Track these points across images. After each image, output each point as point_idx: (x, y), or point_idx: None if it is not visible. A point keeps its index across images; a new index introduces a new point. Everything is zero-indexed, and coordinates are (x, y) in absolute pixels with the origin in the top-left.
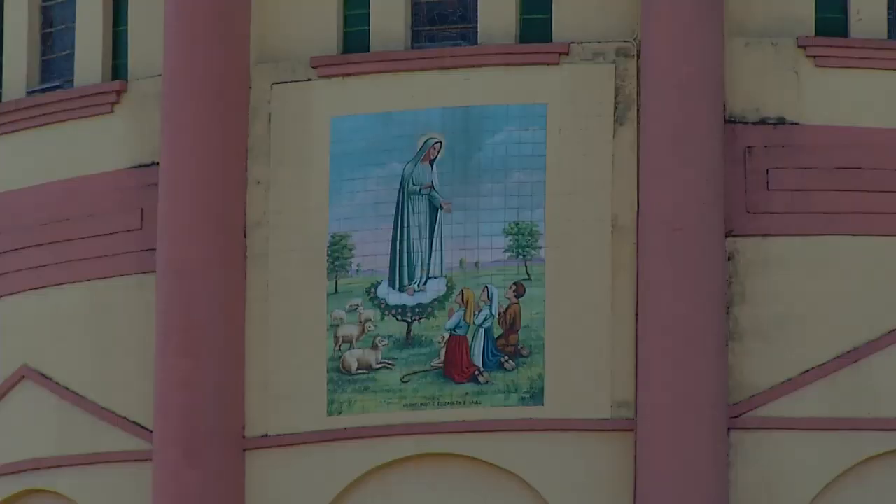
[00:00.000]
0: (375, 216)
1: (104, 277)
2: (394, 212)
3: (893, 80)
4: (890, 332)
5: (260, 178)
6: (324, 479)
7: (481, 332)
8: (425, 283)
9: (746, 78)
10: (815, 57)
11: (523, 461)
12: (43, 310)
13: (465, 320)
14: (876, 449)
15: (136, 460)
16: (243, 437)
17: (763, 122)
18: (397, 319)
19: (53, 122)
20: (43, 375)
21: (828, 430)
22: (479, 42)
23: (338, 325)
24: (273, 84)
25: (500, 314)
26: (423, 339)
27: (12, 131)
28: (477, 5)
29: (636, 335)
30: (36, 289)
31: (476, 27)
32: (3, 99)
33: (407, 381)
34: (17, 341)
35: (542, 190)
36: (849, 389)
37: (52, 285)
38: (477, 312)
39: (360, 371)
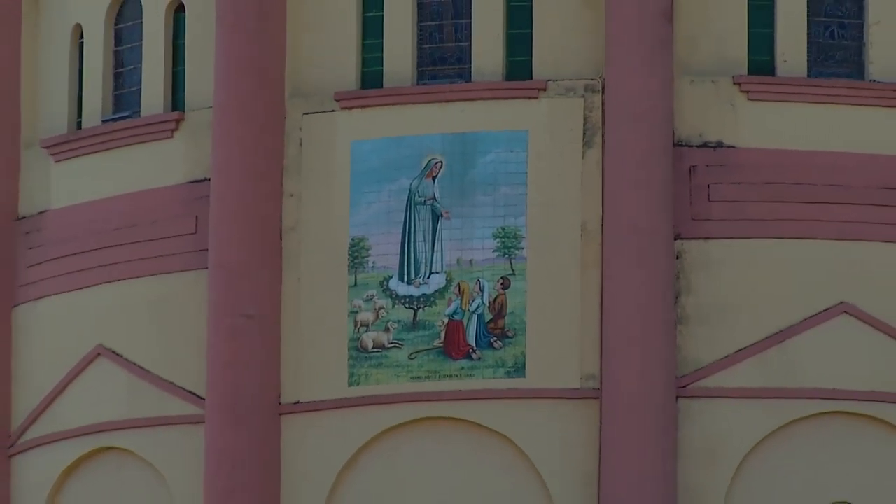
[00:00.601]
0: (388, 222)
1: (165, 273)
2: (403, 219)
3: (813, 110)
4: (808, 318)
5: (293, 192)
6: (345, 438)
7: (474, 318)
8: (428, 277)
9: (691, 109)
10: (747, 92)
11: (509, 423)
12: (115, 299)
13: (461, 308)
14: (797, 414)
15: (191, 423)
16: (279, 403)
17: (705, 145)
18: (405, 307)
19: (123, 146)
20: (114, 353)
21: (758, 398)
22: (472, 80)
23: (357, 312)
24: (304, 114)
25: (489, 303)
26: (427, 323)
27: (90, 153)
28: (471, 49)
29: (601, 320)
30: (110, 282)
31: (470, 68)
32: (83, 126)
33: (413, 358)
34: (93, 325)
35: (524, 201)
36: (775, 365)
37: (123, 279)
38: (471, 301)
39: (374, 350)
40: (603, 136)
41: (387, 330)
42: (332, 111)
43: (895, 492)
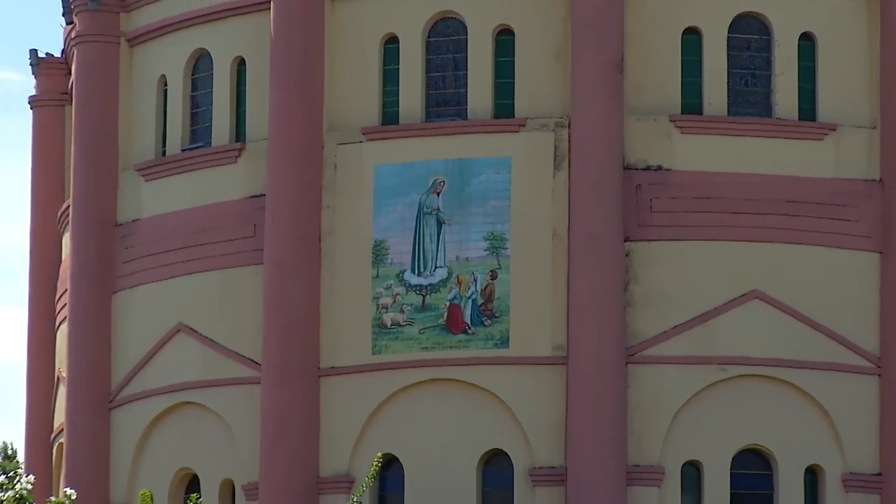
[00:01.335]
0: (402, 228)
1: (230, 267)
2: (414, 225)
3: (731, 141)
4: (727, 303)
5: (329, 205)
6: (370, 395)
7: (469, 302)
8: (434, 270)
9: (637, 141)
10: (681, 127)
11: (496, 384)
12: (191, 287)
13: (459, 294)
14: (716, 377)
15: (250, 383)
16: (318, 368)
17: (648, 168)
18: (416, 293)
19: (198, 169)
20: (191, 329)
21: (688, 364)
22: (468, 118)
23: (378, 298)
24: (337, 144)
25: (481, 290)
26: (433, 306)
27: (172, 174)
28: (467, 95)
29: (567, 304)
30: (187, 274)
31: (466, 108)
32: (167, 154)
33: (422, 333)
34: (174, 307)
35: (507, 212)
36: (701, 338)
37: (197, 272)
38: (467, 289)
39: (392, 326)
40: (569, 161)
41: (402, 311)
42: (360, 142)
43: (796, 437)
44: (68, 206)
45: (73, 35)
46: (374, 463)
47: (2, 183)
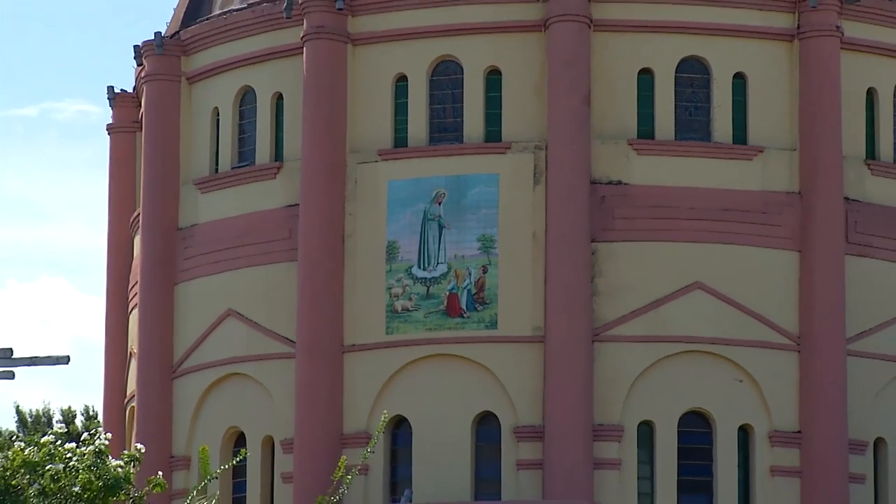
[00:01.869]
0: (410, 232)
1: (270, 263)
2: (420, 230)
3: (678, 160)
4: (675, 292)
5: (351, 212)
6: (384, 367)
7: (465, 292)
8: (436, 266)
9: (601, 160)
10: (637, 149)
11: (487, 358)
12: (239, 280)
13: (457, 285)
14: (668, 352)
15: (286, 358)
16: (342, 345)
17: (610, 183)
18: (422, 285)
19: (244, 183)
20: (238, 313)
21: (644, 342)
22: (464, 142)
23: (391, 288)
24: (358, 163)
25: (475, 282)
26: (435, 294)
27: (223, 188)
28: (463, 123)
29: (545, 293)
30: (235, 269)
31: (462, 134)
32: (219, 171)
33: (427, 317)
34: (225, 295)
35: (496, 218)
36: (654, 321)
37: (243, 268)
38: (463, 281)
39: (402, 311)
40: (546, 177)
41: (410, 299)
42: (376, 161)
43: (730, 401)
44: (138, 214)
45: (142, 74)
46: (383, 419)
47: (85, 195)
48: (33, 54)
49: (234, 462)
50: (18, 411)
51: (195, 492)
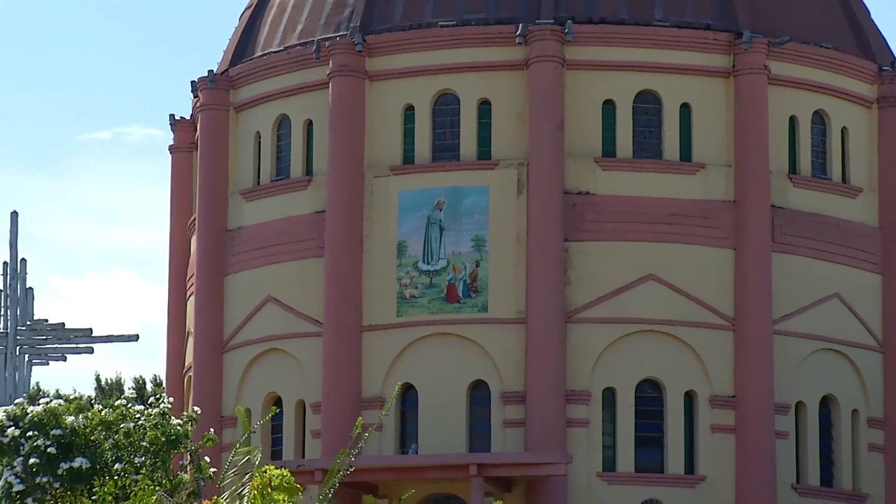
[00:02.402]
0: (416, 233)
1: (301, 259)
2: (424, 231)
3: (635, 175)
4: (632, 283)
5: (368, 217)
6: (395, 343)
7: (461, 282)
8: (438, 261)
9: (572, 175)
10: (602, 166)
11: (480, 336)
12: (277, 273)
13: (454, 277)
14: (627, 331)
15: (315, 336)
16: (361, 325)
17: (579, 193)
18: (426, 276)
19: (281, 193)
20: (276, 299)
21: (606, 323)
22: (460, 159)
23: (401, 279)
24: (374, 177)
25: (469, 274)
26: (437, 284)
27: (264, 197)
28: (460, 144)
29: (526, 284)
30: (273, 264)
31: (459, 153)
32: (260, 183)
33: (430, 303)
34: (265, 286)
35: (486, 222)
36: (615, 306)
37: (281, 262)
38: (459, 274)
39: (410, 298)
40: (527, 189)
41: (416, 288)
42: (388, 175)
43: (678, 372)
44: (194, 219)
45: (198, 104)
46: (396, 389)
47: (150, 203)
48: (107, 88)
49: (268, 418)
50: (97, 380)
51: (239, 444)
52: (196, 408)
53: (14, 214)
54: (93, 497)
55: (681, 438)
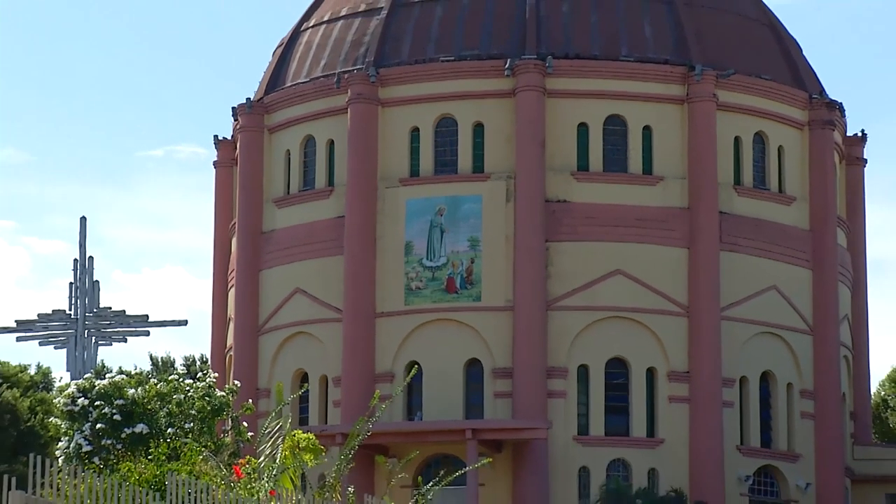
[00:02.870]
0: (421, 234)
1: (324, 257)
2: (427, 233)
3: (605, 187)
4: (601, 277)
5: (381, 222)
6: (404, 327)
7: (459, 276)
8: (439, 258)
9: (553, 185)
10: (577, 178)
11: (475, 321)
12: (304, 268)
13: (453, 272)
14: (598, 317)
15: (336, 321)
16: (375, 312)
17: (558, 201)
18: (429, 271)
19: (308, 202)
20: (303, 290)
21: (580, 311)
22: (458, 172)
23: (408, 273)
24: (386, 188)
25: (465, 269)
26: (438, 277)
27: (293, 204)
28: (457, 161)
29: (514, 277)
30: (301, 261)
31: (457, 167)
32: (290, 192)
33: (432, 293)
34: (294, 279)
35: (480, 226)
36: (588, 296)
37: (307, 259)
38: (457, 268)
39: (415, 289)
40: (515, 198)
41: (421, 281)
42: (398, 186)
43: (641, 351)
44: (234, 223)
45: (237, 126)
46: (412, 371)
47: (197, 210)
48: (160, 113)
49: (299, 393)
50: (151, 358)
51: (273, 413)
52: (236, 382)
53: (83, 219)
54: (149, 457)
55: (643, 407)
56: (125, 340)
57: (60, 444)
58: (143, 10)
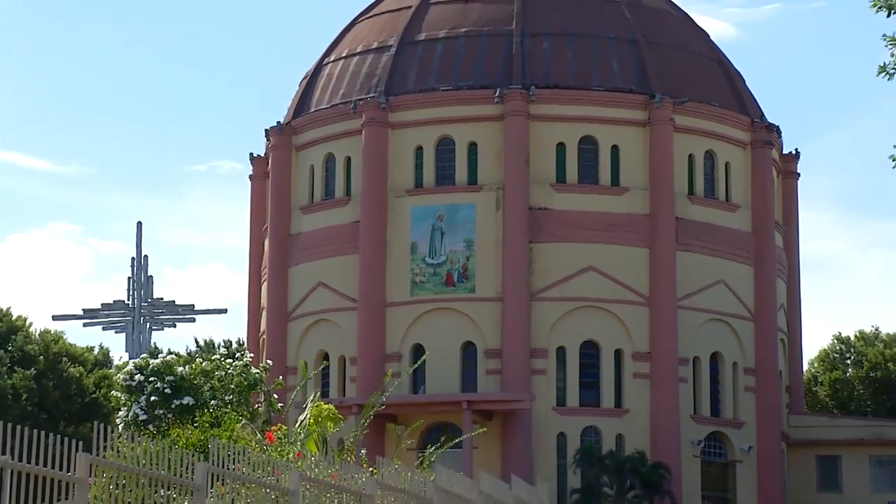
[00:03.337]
0: (425, 237)
1: (342, 255)
2: (430, 235)
3: (579, 196)
4: (576, 272)
5: (390, 226)
6: (410, 314)
7: (456, 272)
8: (439, 257)
9: (535, 195)
10: (555, 189)
11: (469, 310)
12: (326, 264)
13: (451, 268)
14: (572, 307)
15: (352, 310)
16: (385, 301)
17: (540, 209)
18: (431, 267)
19: (330, 209)
20: (324, 283)
21: (558, 301)
22: (455, 184)
23: (413, 269)
24: (394, 197)
25: (461, 266)
26: (439, 272)
27: (317, 212)
28: (455, 175)
29: (502, 272)
30: (323, 258)
31: (455, 180)
32: (314, 201)
33: (434, 286)
34: (317, 274)
35: (474, 229)
36: (564, 289)
37: (328, 257)
38: (455, 265)
39: (419, 282)
40: (503, 206)
41: (424, 276)
42: (405, 196)
43: (610, 334)
44: (267, 226)
45: (269, 146)
46: (423, 357)
47: (236, 215)
48: (205, 133)
49: (321, 370)
50: (196, 341)
51: (299, 387)
52: (268, 361)
53: (139, 224)
54: (195, 424)
55: (612, 382)
56: (174, 326)
57: (120, 413)
58: (188, 48)
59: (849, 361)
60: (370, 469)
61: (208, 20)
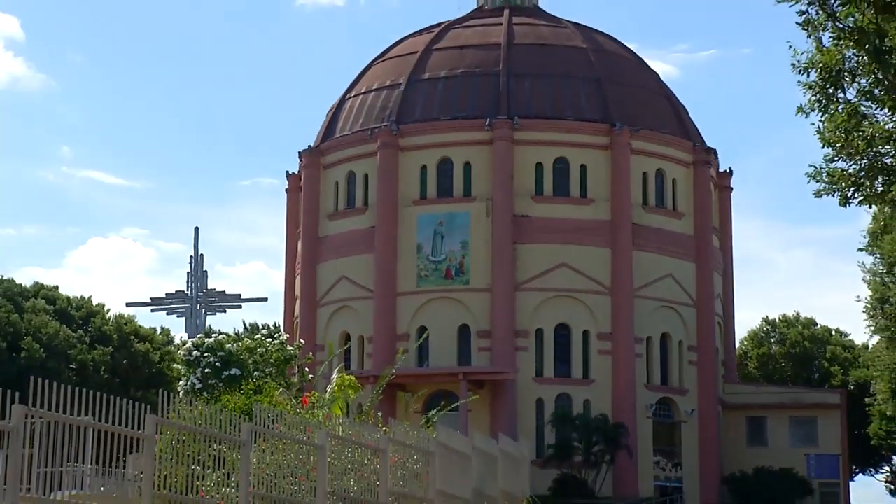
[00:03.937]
0: (428, 240)
1: (361, 254)
2: (432, 238)
3: (554, 206)
4: (551, 268)
5: (400, 231)
6: (416, 303)
7: (454, 267)
8: (440, 255)
9: (518, 204)
10: (535, 200)
11: (464, 299)
12: (347, 262)
13: (450, 264)
14: (549, 296)
15: (368, 298)
16: (396, 291)
17: (523, 216)
18: (433, 264)
19: (350, 216)
20: (347, 277)
21: (538, 291)
22: (452, 195)
23: (418, 265)
24: (403, 207)
25: (458, 263)
26: (440, 268)
27: (340, 219)
28: (452, 186)
29: (492, 268)
30: (345, 257)
31: (452, 192)
32: (338, 210)
33: (436, 279)
34: (340, 269)
35: (469, 231)
36: (542, 281)
37: (350, 256)
38: (453, 262)
39: (424, 276)
40: (493, 214)
41: (428, 270)
42: (412, 206)
43: (580, 318)
44: (300, 231)
45: (302, 165)
46: (424, 335)
47: (273, 223)
48: (250, 154)
49: (344, 348)
50: (243, 324)
51: (326, 362)
52: (301, 340)
53: (196, 228)
54: (241, 392)
55: (581, 358)
56: (225, 311)
57: (180, 382)
58: (238, 88)
59: (773, 340)
60: (384, 428)
61: (250, 65)
